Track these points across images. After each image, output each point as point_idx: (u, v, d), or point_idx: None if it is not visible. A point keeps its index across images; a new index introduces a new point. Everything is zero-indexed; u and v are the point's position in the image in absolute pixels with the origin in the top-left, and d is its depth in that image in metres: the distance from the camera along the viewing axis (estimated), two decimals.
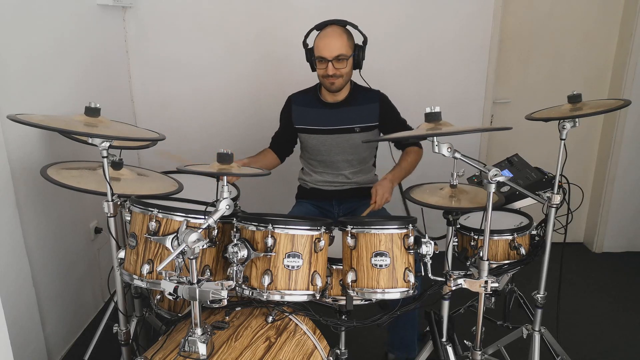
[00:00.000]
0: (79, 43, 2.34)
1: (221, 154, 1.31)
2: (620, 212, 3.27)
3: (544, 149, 2.67)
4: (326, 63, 1.97)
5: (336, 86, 2.04)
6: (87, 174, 1.76)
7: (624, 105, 1.57)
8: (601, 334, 2.46)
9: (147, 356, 1.31)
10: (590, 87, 3.16)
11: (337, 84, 2.03)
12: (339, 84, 2.04)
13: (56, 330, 2.17)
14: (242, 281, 1.34)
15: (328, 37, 1.98)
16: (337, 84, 2.03)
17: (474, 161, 1.39)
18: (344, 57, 1.97)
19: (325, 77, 2.02)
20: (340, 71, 1.99)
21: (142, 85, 2.99)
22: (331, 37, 1.97)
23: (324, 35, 1.99)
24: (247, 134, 3.07)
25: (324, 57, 1.97)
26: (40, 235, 2.05)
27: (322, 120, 2.14)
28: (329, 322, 1.46)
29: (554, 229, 1.74)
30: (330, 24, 2.01)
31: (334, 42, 1.96)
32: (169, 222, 1.33)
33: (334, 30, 1.99)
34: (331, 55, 1.96)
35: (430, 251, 1.41)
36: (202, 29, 2.91)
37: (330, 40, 1.97)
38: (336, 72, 1.98)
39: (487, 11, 2.91)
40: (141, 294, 1.90)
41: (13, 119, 1.29)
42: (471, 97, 3.07)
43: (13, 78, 1.88)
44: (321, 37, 2.00)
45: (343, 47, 1.97)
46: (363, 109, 2.12)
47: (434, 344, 1.76)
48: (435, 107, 1.44)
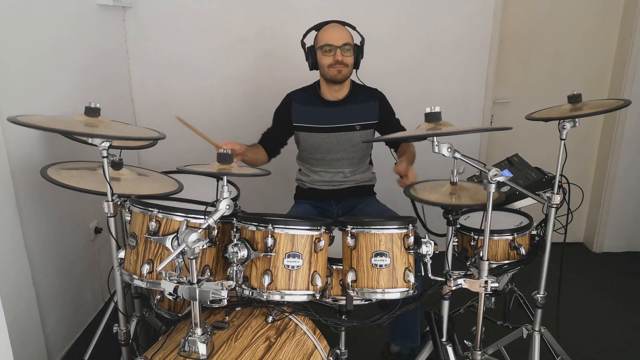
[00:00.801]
0: (79, 43, 2.34)
1: (221, 154, 1.31)
2: (620, 212, 3.27)
3: (544, 149, 2.67)
4: (334, 50, 2.01)
5: (343, 74, 2.05)
6: (87, 174, 1.76)
7: (624, 105, 1.57)
8: (601, 334, 2.46)
9: (147, 356, 1.31)
10: (590, 87, 3.16)
11: (344, 72, 2.05)
12: (346, 73, 2.06)
13: (56, 330, 2.17)
14: (242, 281, 1.34)
15: (334, 27, 2.05)
16: (344, 72, 2.05)
17: (474, 161, 1.39)
18: (349, 47, 2.03)
19: (333, 65, 2.03)
20: (347, 59, 2.03)
21: (142, 85, 2.99)
22: (337, 28, 2.05)
23: (329, 26, 2.06)
24: (247, 133, 3.04)
25: (332, 45, 2.00)
26: (40, 235, 2.05)
27: (323, 119, 2.14)
28: (329, 322, 1.47)
29: (554, 229, 1.74)
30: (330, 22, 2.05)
31: (340, 32, 2.04)
32: (169, 222, 1.33)
33: (336, 24, 2.06)
34: (339, 42, 2.01)
35: (430, 251, 1.41)
36: (202, 29, 2.91)
37: (337, 30, 2.04)
38: (344, 59, 2.02)
39: (487, 11, 2.91)
40: (141, 294, 1.90)
41: (13, 121, 1.29)
42: (471, 97, 3.07)
43: (13, 78, 1.88)
44: (326, 28, 2.06)
45: (349, 37, 2.04)
46: (363, 106, 2.13)
47: (434, 344, 1.76)
48: (435, 107, 1.44)
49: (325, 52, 2.02)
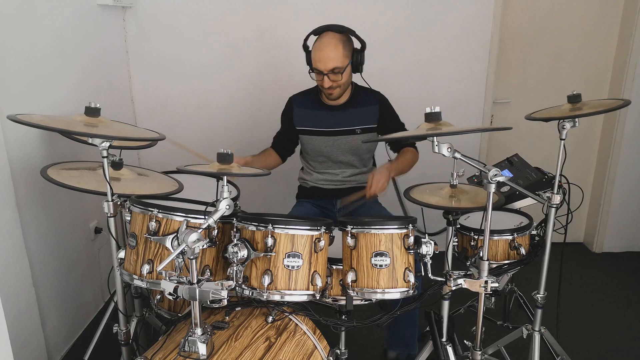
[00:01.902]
0: (79, 43, 2.34)
1: (221, 154, 1.31)
2: (620, 212, 3.27)
3: (544, 149, 2.67)
4: (322, 76, 1.97)
5: (334, 96, 2.05)
6: (87, 174, 1.76)
7: (623, 105, 1.57)
8: (601, 334, 2.46)
9: (147, 356, 1.31)
10: (590, 87, 3.16)
11: (334, 94, 2.03)
12: (337, 94, 2.04)
13: (56, 330, 2.17)
14: (242, 281, 1.34)
15: (323, 49, 1.94)
16: (335, 94, 2.03)
17: (474, 161, 1.39)
18: (339, 70, 1.95)
19: (323, 88, 2.02)
20: (336, 83, 1.98)
21: (142, 85, 2.99)
22: (326, 50, 1.93)
23: (319, 47, 1.95)
24: (247, 133, 3.07)
25: (319, 70, 1.96)
26: (40, 235, 2.05)
27: (323, 122, 2.14)
28: (329, 322, 1.46)
29: (554, 229, 1.74)
30: (327, 30, 1.97)
31: (328, 55, 1.93)
32: (169, 222, 1.33)
33: (329, 40, 1.94)
34: (326, 68, 1.94)
35: (430, 251, 1.41)
36: (202, 29, 2.91)
37: (325, 53, 1.93)
38: (332, 84, 1.98)
39: (487, 11, 2.91)
40: (141, 294, 1.90)
41: (13, 119, 1.29)
42: (471, 97, 3.07)
43: (13, 78, 1.88)
44: (316, 48, 1.97)
45: (338, 59, 1.93)
46: (363, 110, 2.12)
47: (434, 344, 1.76)
48: (435, 107, 1.44)
49: (315, 74, 2.00)
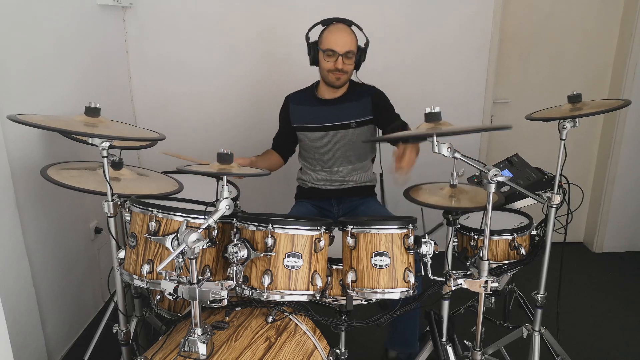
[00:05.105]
0: (79, 43, 2.34)
1: (221, 154, 1.31)
2: (620, 212, 3.27)
3: (544, 149, 2.67)
4: (336, 57, 1.98)
5: (341, 81, 2.05)
6: (87, 174, 1.76)
7: (624, 105, 1.57)
8: (601, 334, 2.46)
9: (147, 356, 1.31)
10: (590, 87, 3.16)
11: (342, 79, 2.04)
12: (344, 80, 2.06)
13: (56, 330, 2.17)
14: (242, 281, 1.34)
15: (339, 31, 1.99)
16: (343, 79, 2.05)
17: (474, 161, 1.39)
18: (352, 54, 2.00)
19: (333, 71, 2.01)
20: (347, 67, 2.01)
21: (142, 85, 2.99)
22: (343, 32, 1.99)
23: (335, 29, 2.00)
24: (247, 133, 3.07)
25: (335, 51, 1.97)
26: (40, 235, 2.05)
27: (319, 117, 2.14)
28: (329, 322, 1.47)
29: (554, 229, 1.74)
30: (337, 22, 2.02)
31: (345, 38, 1.98)
32: (169, 222, 1.33)
33: (344, 27, 2.01)
34: (343, 49, 1.97)
35: (430, 251, 1.41)
36: (202, 29, 2.91)
37: (342, 35, 1.98)
38: (344, 67, 2.00)
39: (487, 11, 2.91)
40: (141, 294, 1.90)
41: (13, 119, 1.29)
42: (471, 97, 3.07)
43: (13, 78, 1.88)
44: (332, 30, 2.00)
45: (353, 44, 2.00)
46: (357, 104, 2.13)
47: (434, 344, 1.76)
48: (435, 107, 1.44)
49: (327, 56, 2.00)
